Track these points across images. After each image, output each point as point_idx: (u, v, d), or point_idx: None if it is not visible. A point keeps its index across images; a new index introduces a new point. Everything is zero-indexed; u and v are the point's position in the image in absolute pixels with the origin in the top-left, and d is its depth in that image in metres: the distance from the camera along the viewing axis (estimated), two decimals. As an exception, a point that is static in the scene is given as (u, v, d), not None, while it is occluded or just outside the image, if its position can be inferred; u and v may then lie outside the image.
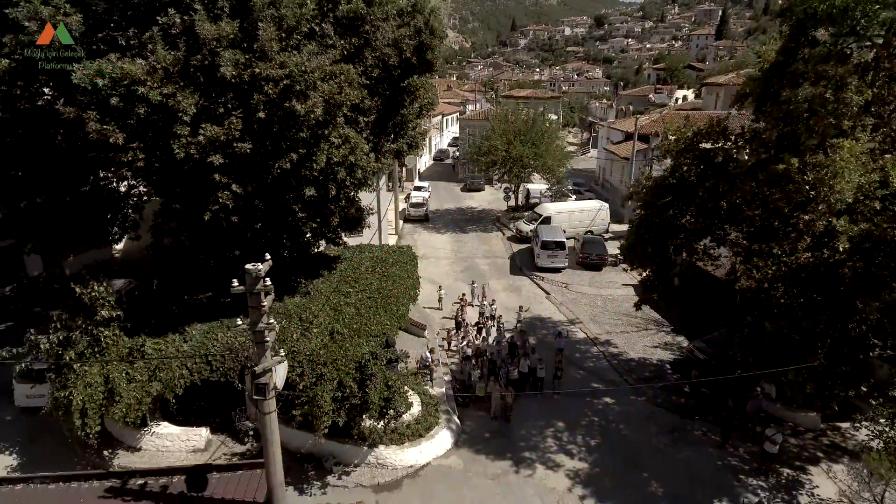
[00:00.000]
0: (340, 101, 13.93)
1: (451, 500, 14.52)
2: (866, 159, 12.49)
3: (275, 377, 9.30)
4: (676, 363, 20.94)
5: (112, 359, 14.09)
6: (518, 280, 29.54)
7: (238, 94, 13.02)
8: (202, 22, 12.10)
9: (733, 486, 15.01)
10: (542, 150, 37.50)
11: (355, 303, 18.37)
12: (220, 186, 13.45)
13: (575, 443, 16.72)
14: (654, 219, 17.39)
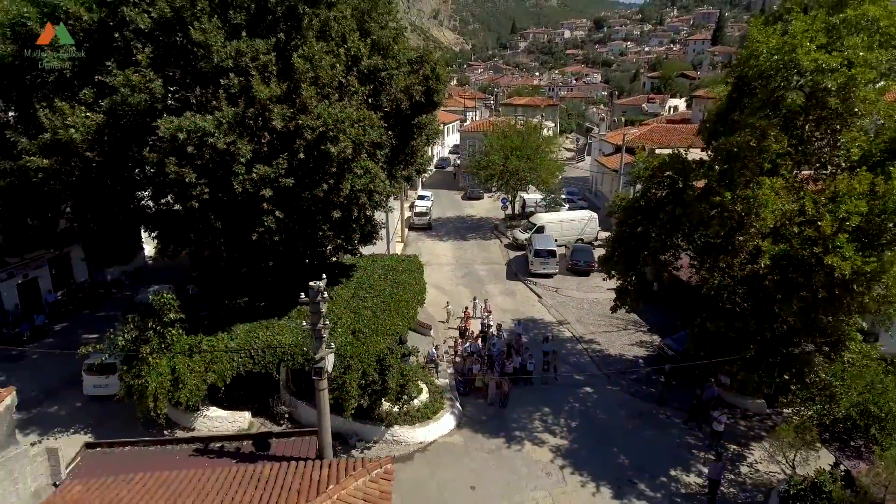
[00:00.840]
0: (364, 141, 17.10)
1: (454, 470, 17.65)
2: (784, 193, 15.57)
3: (327, 363, 12.44)
4: (649, 358, 24.12)
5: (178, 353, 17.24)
6: (514, 285, 32.70)
7: (283, 139, 16.16)
8: (258, 85, 15.25)
9: (687, 458, 18.18)
10: (536, 163, 40.68)
11: (372, 306, 21.51)
12: (267, 213, 16.61)
13: (558, 424, 19.88)
14: (626, 235, 20.54)
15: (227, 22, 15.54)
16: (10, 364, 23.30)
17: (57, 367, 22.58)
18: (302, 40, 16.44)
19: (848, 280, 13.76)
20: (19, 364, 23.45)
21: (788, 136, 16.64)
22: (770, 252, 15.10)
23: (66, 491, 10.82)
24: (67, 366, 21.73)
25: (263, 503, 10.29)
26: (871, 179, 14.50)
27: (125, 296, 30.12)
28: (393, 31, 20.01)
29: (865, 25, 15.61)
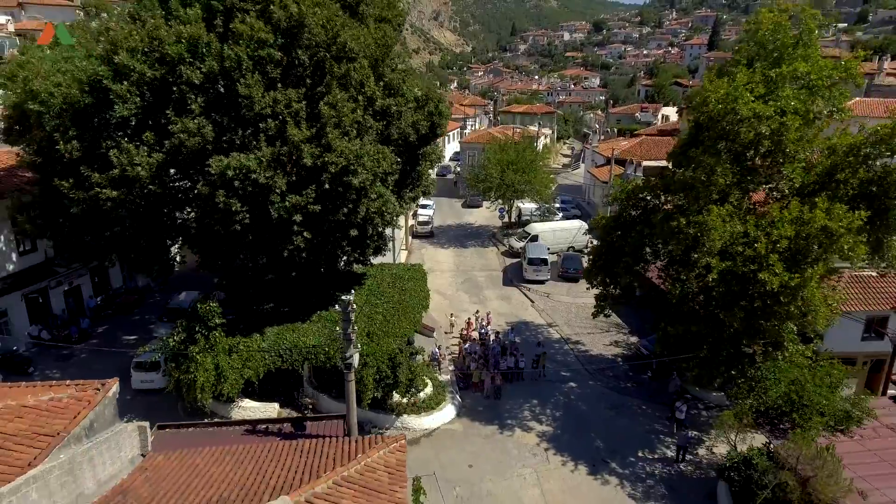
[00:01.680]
0: (378, 171, 20.17)
1: (455, 452, 20.75)
2: (730, 219, 18.58)
3: (355, 360, 15.52)
4: (626, 357, 27.23)
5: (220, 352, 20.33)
6: (509, 290, 35.81)
7: (311, 172, 19.21)
8: (291, 128, 18.32)
9: (654, 442, 21.28)
10: (531, 176, 43.77)
11: (383, 312, 24.58)
12: (297, 233, 19.67)
13: (544, 414, 22.99)
14: (605, 249, 23.62)
15: (265, 75, 18.61)
16: (63, 362, 26.37)
17: (104, 365, 25.53)
18: (327, 89, 19.52)
19: (777, 292, 16.84)
20: (70, 362, 26.51)
21: (740, 167, 19.74)
22: (717, 268, 18.17)
23: (151, 459, 13.87)
24: (113, 363, 24.80)
25: (307, 467, 13.35)
26: (800, 208, 17.58)
27: (155, 301, 33.18)
28: (402, 73, 23.06)
29: (797, 78, 18.70)
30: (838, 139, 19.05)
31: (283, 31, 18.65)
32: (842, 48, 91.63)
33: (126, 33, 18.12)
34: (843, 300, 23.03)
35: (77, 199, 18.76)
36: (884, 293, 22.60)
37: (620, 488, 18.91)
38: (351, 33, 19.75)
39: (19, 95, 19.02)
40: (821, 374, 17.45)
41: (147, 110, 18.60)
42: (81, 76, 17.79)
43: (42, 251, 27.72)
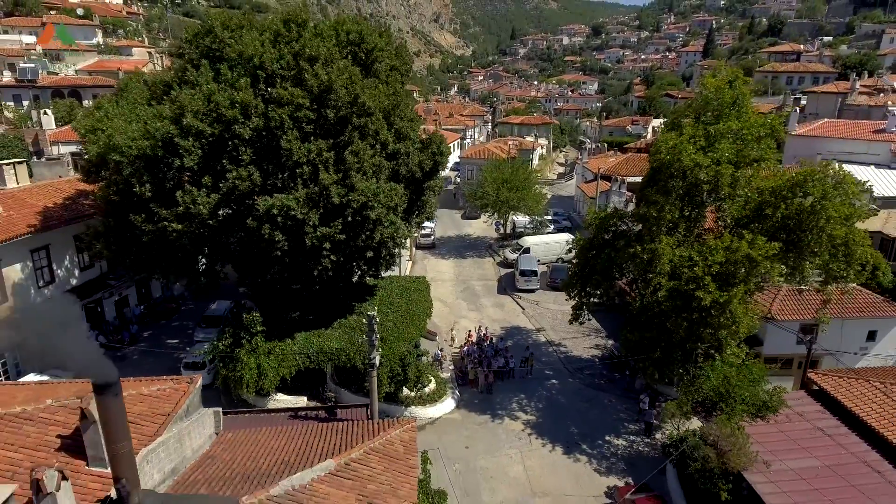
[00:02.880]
0: (391, 205, 24.55)
1: (454, 437, 25.13)
2: (676, 247, 22.87)
3: (376, 361, 19.90)
4: (602, 357, 31.63)
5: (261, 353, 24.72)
6: (503, 298, 40.20)
7: (337, 208, 23.57)
8: (322, 173, 22.69)
9: (619, 429, 25.67)
10: (524, 193, 48.16)
11: (393, 319, 28.89)
12: (325, 256, 24.05)
13: (529, 406, 27.39)
14: (581, 266, 27.97)
15: (300, 130, 22.99)
16: (118, 363, 30.54)
17: (153, 365, 29.86)
18: (349, 138, 23.91)
19: (710, 306, 21.21)
20: (124, 364, 30.83)
21: (689, 203, 24.13)
22: (666, 286, 22.56)
23: (223, 436, 18.25)
24: (161, 363, 29.22)
25: (342, 441, 17.72)
26: (730, 239, 21.95)
27: (189, 309, 37.56)
28: (409, 121, 27.45)
29: (731, 133, 23.08)
30: (764, 182, 23.42)
31: (315, 95, 23.05)
32: (824, 62, 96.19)
33: (190, 98, 22.49)
34: (782, 310, 27.59)
35: (148, 231, 23.14)
36: (812, 304, 26.93)
37: (588, 465, 23.32)
38: (369, 93, 24.17)
39: (100, 147, 23.40)
40: (745, 372, 21.80)
41: (206, 159, 22.99)
42: (155, 133, 22.14)
43: (98, 267, 32.18)
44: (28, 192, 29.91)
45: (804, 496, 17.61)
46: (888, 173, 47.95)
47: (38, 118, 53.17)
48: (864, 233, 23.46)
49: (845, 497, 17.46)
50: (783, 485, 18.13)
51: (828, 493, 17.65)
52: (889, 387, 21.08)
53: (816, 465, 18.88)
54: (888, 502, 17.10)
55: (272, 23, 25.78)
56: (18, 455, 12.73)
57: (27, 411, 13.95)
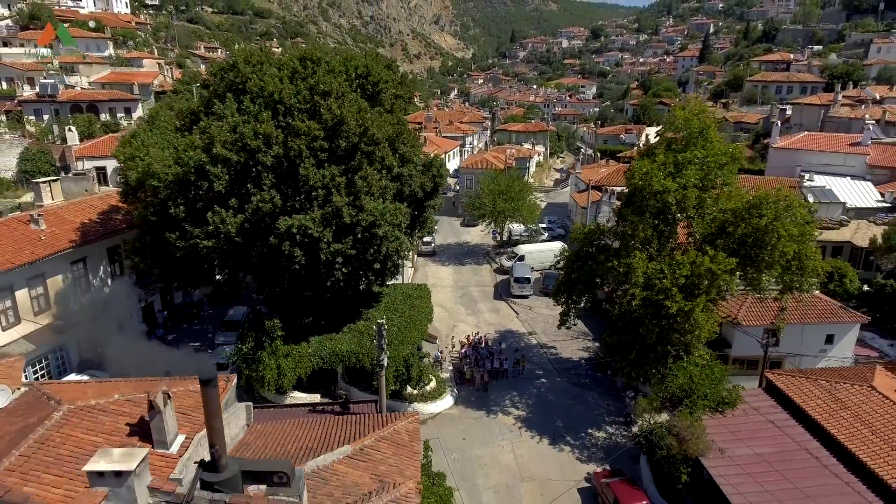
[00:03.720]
0: (396, 222, 27.52)
1: (453, 430, 28.12)
2: (648, 261, 25.81)
3: (384, 362, 22.90)
4: (588, 359, 34.62)
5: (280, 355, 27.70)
6: (498, 304, 43.22)
7: (349, 226, 26.55)
8: (335, 196, 25.67)
9: (601, 423, 28.66)
10: (519, 204, 51.16)
11: (397, 324, 31.86)
12: (338, 269, 27.03)
13: (520, 402, 30.39)
14: (567, 276, 30.94)
15: (316, 158, 25.98)
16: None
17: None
18: (359, 164, 26.90)
19: (676, 314, 24.19)
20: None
21: (662, 221, 27.11)
22: (639, 296, 25.55)
23: (254, 426, 21.24)
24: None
25: (356, 431, 20.69)
26: (695, 254, 24.93)
27: (208, 314, 40.54)
28: (411, 146, 30.43)
29: (697, 160, 26.06)
30: (727, 203, 26.41)
31: (329, 127, 26.06)
32: (813, 72, 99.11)
33: (219, 130, 25.50)
34: (747, 316, 30.54)
35: (181, 247, 26.15)
36: (775, 311, 29.88)
37: (571, 454, 26.34)
38: (376, 124, 27.18)
39: (139, 173, 26.41)
40: (707, 372, 24.79)
41: (233, 183, 25.98)
42: (189, 161, 25.15)
43: (128, 276, 35.19)
44: (66, 208, 32.91)
45: (751, 477, 20.61)
46: (862, 185, 50.99)
47: (61, 133, 56.29)
48: (815, 248, 26.42)
49: (786, 478, 20.47)
50: (734, 468, 21.14)
51: (771, 475, 20.66)
52: (833, 385, 24.11)
53: (764, 452, 21.90)
54: (820, 481, 20.14)
55: (290, 60, 28.72)
56: (98, 439, 15.72)
57: (100, 404, 16.96)
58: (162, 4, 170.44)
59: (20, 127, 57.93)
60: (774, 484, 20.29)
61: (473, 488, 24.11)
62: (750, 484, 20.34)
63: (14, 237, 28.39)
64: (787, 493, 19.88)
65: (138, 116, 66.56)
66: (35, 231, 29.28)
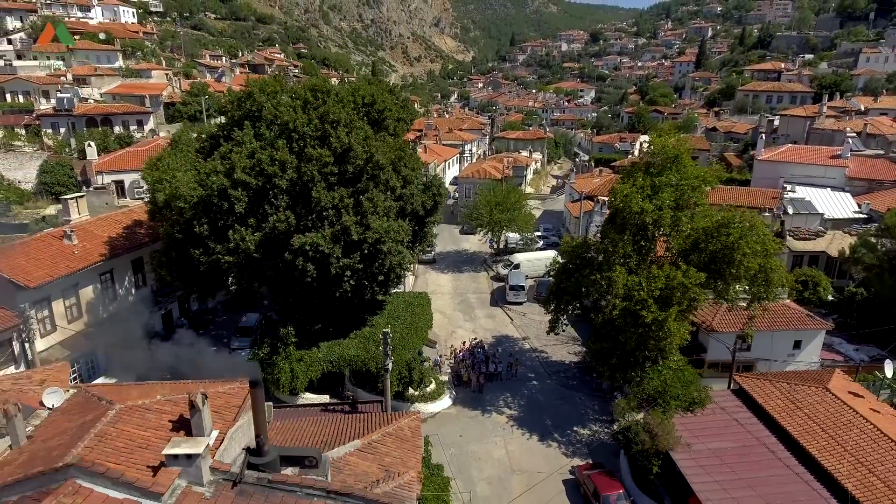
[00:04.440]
0: (399, 238, 30.24)
1: (451, 427, 30.81)
2: (628, 274, 28.49)
3: (389, 366, 25.61)
4: (576, 362, 37.32)
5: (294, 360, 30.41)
6: (494, 310, 45.92)
7: (356, 243, 29.26)
8: (345, 216, 28.39)
9: (586, 422, 31.35)
10: (515, 214, 53.90)
11: (400, 330, 34.53)
12: (346, 281, 29.74)
13: (513, 403, 33.09)
14: (556, 287, 33.63)
15: (326, 181, 28.70)
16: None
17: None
18: (365, 186, 29.62)
19: (651, 323, 26.89)
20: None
21: (641, 237, 29.80)
22: (619, 306, 28.25)
23: (273, 424, 23.94)
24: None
25: (364, 427, 23.40)
26: (669, 269, 27.62)
27: (222, 320, 43.23)
28: (412, 169, 33.13)
29: (672, 184, 28.76)
30: (699, 222, 29.10)
31: (338, 154, 28.79)
32: (803, 81, 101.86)
33: (239, 156, 28.23)
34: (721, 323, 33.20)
35: (204, 261, 28.89)
36: (745, 318, 32.50)
37: (558, 449, 29.04)
38: (381, 150, 29.91)
39: (166, 194, 29.15)
40: (679, 375, 27.48)
41: (251, 204, 28.72)
42: (213, 185, 27.89)
43: (149, 286, 37.94)
44: (94, 224, 35.65)
45: (713, 468, 23.32)
46: (841, 196, 53.73)
47: (78, 145, 59.08)
48: (779, 262, 29.10)
49: (744, 469, 23.19)
50: (699, 461, 23.85)
51: (732, 467, 23.37)
52: (792, 387, 26.82)
53: (727, 447, 24.60)
54: (774, 472, 22.85)
55: (302, 90, 31.42)
56: (147, 433, 18.41)
57: (146, 403, 19.67)
58: (166, 11, 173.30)
59: (39, 140, 60.72)
60: (733, 474, 22.99)
61: (469, 479, 26.81)
62: (712, 474, 23.05)
63: (50, 252, 31.15)
64: (744, 482, 22.59)
65: (150, 129, 69.42)
66: (68, 246, 32.03)
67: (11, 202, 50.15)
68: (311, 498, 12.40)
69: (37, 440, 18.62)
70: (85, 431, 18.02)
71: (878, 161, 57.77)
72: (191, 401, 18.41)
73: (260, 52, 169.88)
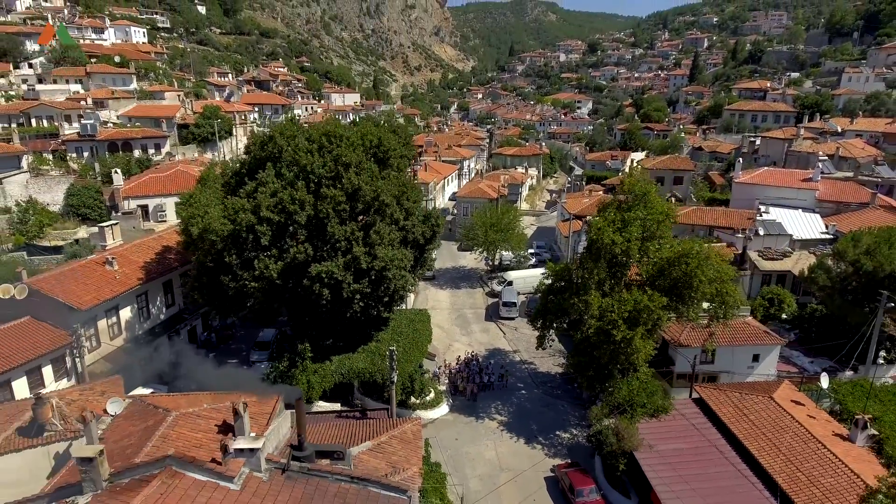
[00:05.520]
0: (402, 265, 34.51)
1: (448, 432, 34.97)
2: (603, 297, 32.69)
3: (394, 378, 29.82)
4: (561, 374, 41.52)
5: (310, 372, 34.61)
6: (489, 325, 50.16)
7: (365, 270, 33.48)
8: (356, 247, 32.66)
9: (568, 427, 35.53)
10: (508, 235, 58.22)
11: (403, 345, 38.70)
12: (356, 303, 33.97)
13: (503, 410, 37.28)
14: (542, 306, 37.86)
15: (339, 216, 33.00)
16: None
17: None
18: (373, 220, 33.91)
19: (620, 341, 31.10)
20: (198, 378, 40.70)
21: (615, 265, 34.05)
22: (594, 326, 32.50)
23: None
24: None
25: (373, 431, 27.57)
26: (636, 293, 31.86)
27: (241, 334, 47.44)
28: (414, 201, 37.43)
29: (639, 218, 33.04)
30: (664, 252, 33.37)
31: (349, 193, 33.11)
32: (787, 101, 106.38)
33: (264, 196, 32.53)
34: (688, 338, 37.38)
35: (233, 287, 33.16)
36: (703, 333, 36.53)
37: (542, 450, 33.23)
38: (386, 188, 34.22)
39: (199, 229, 33.43)
40: (645, 386, 31.68)
41: (274, 237, 33.01)
42: (242, 222, 32.19)
43: (177, 305, 42.22)
44: (129, 249, 39.97)
45: (670, 466, 27.52)
46: (811, 217, 58.00)
47: (102, 169, 63.48)
48: (733, 287, 33.31)
49: (697, 467, 27.40)
50: (658, 459, 28.06)
51: (686, 465, 27.57)
52: (742, 396, 31.05)
53: (684, 448, 28.82)
54: (722, 469, 27.05)
55: (318, 135, 35.69)
56: (198, 435, 22.64)
57: (196, 411, 23.91)
58: (173, 27, 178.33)
59: (65, 165, 65.16)
60: (687, 471, 27.20)
61: (463, 477, 30.98)
62: (668, 471, 27.26)
63: (95, 277, 35.46)
64: (696, 477, 26.81)
65: (166, 152, 73.86)
66: (110, 272, 36.34)
67: (44, 224, 54.47)
68: (340, 482, 16.60)
69: (108, 441, 22.89)
70: (150, 434, 22.35)
71: (847, 184, 62.13)
72: (234, 409, 22.70)
73: (265, 67, 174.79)
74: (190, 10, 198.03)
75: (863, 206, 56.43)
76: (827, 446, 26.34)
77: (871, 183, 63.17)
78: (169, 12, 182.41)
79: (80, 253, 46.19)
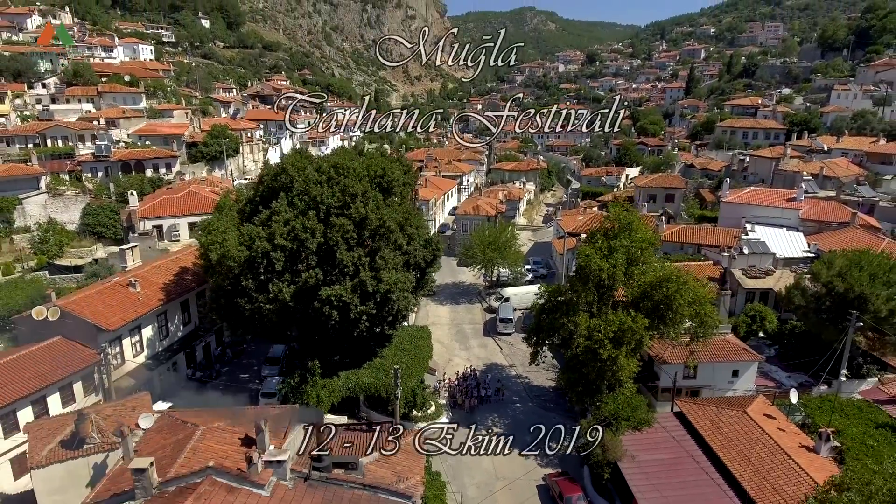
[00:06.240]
0: (405, 287, 37.22)
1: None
2: (590, 318, 35.38)
3: (398, 394, 32.48)
4: (554, 388, 44.16)
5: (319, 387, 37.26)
6: (486, 340, 52.82)
7: (371, 293, 36.19)
8: (363, 272, 35.40)
9: (559, 437, 38.09)
10: (505, 253, 60.98)
11: (406, 361, 41.35)
12: (363, 323, 36.65)
13: (499, 422, 39.90)
14: (535, 325, 40.52)
15: (347, 243, 35.75)
16: (208, 392, 43.24)
17: (235, 393, 42.48)
18: (378, 247, 36.68)
19: (606, 359, 33.78)
20: (217, 392, 43.34)
21: (602, 288, 36.77)
22: (582, 345, 35.19)
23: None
24: (241, 394, 41.75)
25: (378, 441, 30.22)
26: (621, 315, 34.56)
27: (252, 350, 50.07)
28: (416, 227, 40.21)
29: (624, 245, 35.79)
30: (647, 276, 36.10)
31: (356, 221, 35.89)
32: (777, 118, 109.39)
33: (278, 225, 35.30)
34: (672, 356, 40.03)
35: (249, 309, 35.88)
36: (686, 351, 39.24)
37: (534, 460, 35.87)
38: (390, 215, 37.01)
39: (218, 254, 36.18)
40: (629, 401, 34.31)
41: (287, 263, 35.77)
42: (258, 249, 34.94)
43: (192, 323, 44.92)
44: (149, 271, 42.73)
45: (650, 475, 30.16)
46: (795, 236, 60.69)
47: (116, 189, 66.28)
48: (712, 308, 36.00)
49: (674, 476, 30.03)
50: (639, 468, 30.70)
51: (665, 474, 30.21)
52: (718, 410, 33.71)
53: (663, 458, 31.46)
54: (697, 477, 29.67)
55: (327, 167, 38.50)
56: (224, 447, 25.31)
57: (220, 425, 26.60)
58: (178, 42, 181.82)
59: (80, 185, 68.04)
60: (665, 479, 29.84)
61: (461, 484, 33.60)
62: (648, 479, 29.91)
63: (120, 299, 38.20)
64: (673, 485, 29.46)
65: (177, 171, 76.73)
66: (133, 293, 39.08)
67: (64, 244, 57.25)
68: (353, 489, 19.27)
69: (142, 453, 25.52)
70: (182, 447, 25.02)
71: (829, 203, 64.96)
72: (256, 424, 25.37)
73: (268, 81, 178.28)
74: (194, 24, 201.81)
75: (844, 226, 59.16)
76: (792, 457, 28.99)
77: (852, 202, 66.01)
78: (174, 26, 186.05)
79: (99, 272, 48.95)
